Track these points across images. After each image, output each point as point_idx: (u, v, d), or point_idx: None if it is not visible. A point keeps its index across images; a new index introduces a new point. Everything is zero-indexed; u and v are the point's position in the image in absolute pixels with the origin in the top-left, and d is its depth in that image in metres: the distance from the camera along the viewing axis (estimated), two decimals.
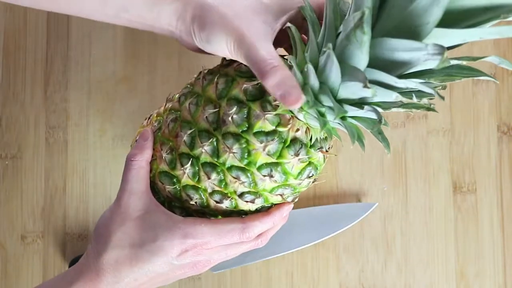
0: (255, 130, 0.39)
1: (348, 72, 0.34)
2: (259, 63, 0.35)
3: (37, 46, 0.61)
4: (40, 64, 0.61)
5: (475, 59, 0.34)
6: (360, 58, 0.33)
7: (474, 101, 0.60)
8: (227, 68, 0.41)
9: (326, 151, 0.42)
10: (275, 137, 0.39)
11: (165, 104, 0.44)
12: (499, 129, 0.60)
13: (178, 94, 0.44)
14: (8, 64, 0.61)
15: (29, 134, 0.60)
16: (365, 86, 0.32)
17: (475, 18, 0.31)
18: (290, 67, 0.37)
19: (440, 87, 0.37)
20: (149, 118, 0.46)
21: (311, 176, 0.42)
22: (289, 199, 0.43)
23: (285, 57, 0.41)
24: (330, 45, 0.32)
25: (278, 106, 0.38)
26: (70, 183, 0.59)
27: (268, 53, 0.36)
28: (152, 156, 0.43)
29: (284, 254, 0.58)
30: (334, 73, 0.34)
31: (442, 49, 0.29)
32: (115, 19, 0.42)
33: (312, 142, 0.41)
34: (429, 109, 0.37)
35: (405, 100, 0.35)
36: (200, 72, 0.43)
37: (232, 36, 0.37)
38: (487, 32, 0.30)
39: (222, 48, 0.38)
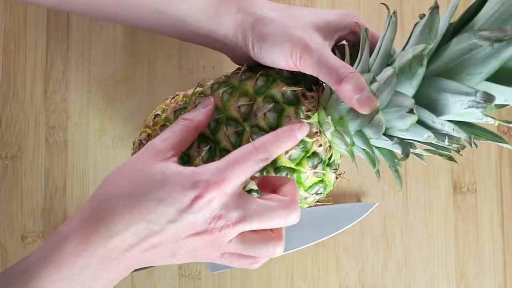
0: None
1: (395, 97, 0.35)
2: (334, 69, 0.37)
3: (37, 46, 0.61)
4: (40, 64, 0.61)
5: (509, 122, 0.35)
6: (407, 90, 0.34)
7: None
8: (269, 70, 0.43)
9: (339, 174, 0.44)
10: (300, 144, 0.40)
11: (195, 88, 0.45)
12: (499, 129, 0.60)
13: (211, 82, 0.45)
14: (8, 64, 0.61)
15: (29, 134, 0.60)
16: (410, 112, 0.33)
17: None
18: None
19: (460, 146, 0.37)
20: (173, 97, 0.46)
21: (319, 194, 0.43)
22: None
23: None
24: (395, 67, 0.33)
25: (309, 116, 0.40)
26: (70, 183, 0.59)
27: (339, 61, 0.37)
28: None
29: (284, 254, 0.58)
30: (384, 95, 0.35)
31: (491, 98, 0.30)
32: (171, 29, 0.43)
33: (330, 161, 0.42)
34: (451, 158, 0.38)
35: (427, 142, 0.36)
36: (239, 68, 0.44)
37: (297, 45, 0.38)
38: None
39: (283, 58, 0.39)
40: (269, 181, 0.39)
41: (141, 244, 0.35)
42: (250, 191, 0.42)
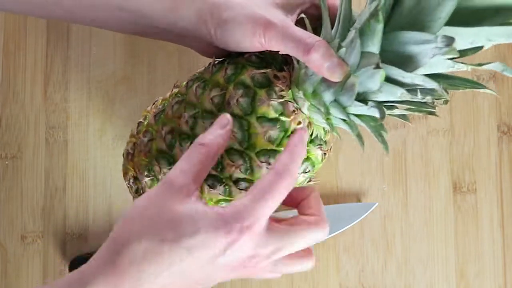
0: (258, 115, 0.40)
1: (362, 59, 0.35)
2: (301, 40, 0.36)
3: (37, 46, 0.61)
4: (40, 64, 0.61)
5: (480, 65, 0.34)
6: (372, 49, 0.34)
7: (474, 101, 0.60)
8: (238, 58, 0.42)
9: (326, 150, 0.43)
10: (277, 124, 0.39)
11: (172, 90, 0.45)
12: (499, 129, 0.60)
13: (185, 81, 0.45)
14: (8, 64, 0.61)
15: (29, 134, 0.60)
16: (377, 67, 0.33)
17: (484, 21, 0.31)
18: None
19: (442, 102, 0.37)
20: (153, 104, 0.47)
21: (307, 172, 0.43)
22: None
23: None
24: (356, 28, 0.33)
25: (283, 96, 0.39)
26: (70, 183, 0.59)
27: (304, 32, 0.37)
28: (152, 138, 0.43)
29: None
30: (352, 59, 0.35)
31: (450, 40, 0.30)
32: (132, 26, 0.42)
33: (313, 137, 0.41)
34: (430, 113, 0.38)
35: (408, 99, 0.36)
36: (210, 63, 0.44)
37: (259, 23, 0.37)
38: (495, 33, 0.31)
39: (247, 39, 0.38)
40: (291, 195, 0.36)
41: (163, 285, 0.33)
42: (237, 181, 0.41)
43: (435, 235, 0.58)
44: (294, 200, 0.38)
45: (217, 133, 0.36)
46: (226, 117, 0.37)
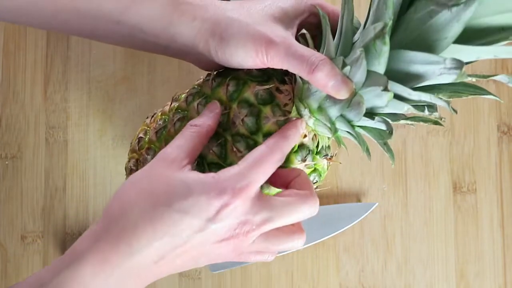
0: (264, 133, 0.39)
1: (368, 77, 0.34)
2: (304, 59, 0.36)
3: (37, 46, 0.61)
4: (40, 64, 0.61)
5: (485, 76, 0.34)
6: (377, 69, 0.34)
7: (474, 101, 0.60)
8: (238, 72, 0.42)
9: (330, 158, 0.43)
10: None
11: (171, 103, 0.44)
12: (499, 129, 0.60)
13: (185, 94, 0.44)
14: (8, 64, 0.61)
15: (29, 134, 0.60)
16: (385, 89, 0.32)
17: (489, 37, 0.32)
18: None
19: (434, 112, 0.37)
20: (152, 116, 0.46)
21: (315, 183, 0.43)
22: None
23: None
24: (362, 49, 0.33)
25: (288, 111, 0.39)
26: (70, 183, 0.59)
27: (306, 49, 0.37)
28: (155, 155, 0.43)
29: (284, 254, 0.58)
30: (358, 77, 0.35)
31: (460, 64, 0.30)
32: (130, 40, 0.42)
33: (319, 149, 0.41)
34: (436, 123, 0.38)
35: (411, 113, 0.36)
36: (209, 74, 0.43)
37: (260, 42, 0.37)
38: (501, 50, 0.31)
39: (250, 58, 0.38)
40: (281, 175, 0.39)
41: (164, 259, 0.34)
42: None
43: (435, 235, 0.59)
44: (284, 180, 0.39)
45: (207, 116, 0.39)
46: (215, 104, 0.40)
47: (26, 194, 0.59)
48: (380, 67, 0.33)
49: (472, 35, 0.32)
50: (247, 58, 0.38)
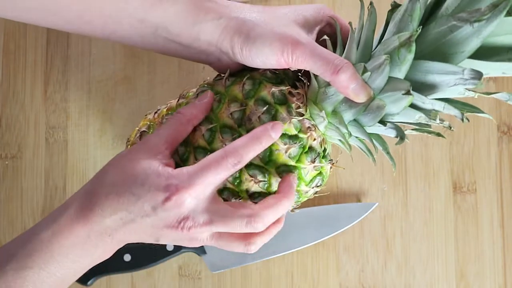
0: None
1: (388, 83, 0.36)
2: (330, 60, 0.38)
3: (37, 46, 0.61)
4: (40, 64, 0.61)
5: (488, 94, 0.36)
6: (397, 76, 0.36)
7: (474, 101, 0.60)
8: (253, 72, 0.43)
9: (333, 163, 0.45)
10: (297, 141, 0.41)
11: (178, 100, 0.45)
12: (499, 129, 0.60)
13: (193, 92, 0.44)
14: (8, 64, 0.61)
15: (29, 134, 0.60)
16: (407, 93, 0.34)
17: (498, 56, 0.33)
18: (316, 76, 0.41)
19: (444, 121, 0.39)
20: (156, 112, 0.46)
21: (318, 186, 0.44)
22: (291, 207, 0.45)
23: None
24: (388, 56, 0.35)
25: (300, 113, 0.41)
26: (70, 183, 0.59)
27: (331, 53, 0.39)
28: None
29: (284, 254, 0.58)
30: (377, 82, 0.36)
31: (479, 75, 0.32)
32: (152, 40, 0.43)
33: (325, 154, 0.43)
34: (439, 134, 0.40)
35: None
36: (219, 74, 0.45)
37: (287, 42, 0.39)
38: (509, 67, 0.33)
39: (274, 57, 0.40)
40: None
41: (127, 227, 0.39)
42: (253, 195, 0.42)
43: (435, 235, 0.59)
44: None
45: (194, 104, 0.41)
46: (206, 94, 0.42)
47: (26, 194, 0.59)
48: (400, 74, 0.35)
49: (483, 52, 0.33)
50: (271, 57, 0.40)
